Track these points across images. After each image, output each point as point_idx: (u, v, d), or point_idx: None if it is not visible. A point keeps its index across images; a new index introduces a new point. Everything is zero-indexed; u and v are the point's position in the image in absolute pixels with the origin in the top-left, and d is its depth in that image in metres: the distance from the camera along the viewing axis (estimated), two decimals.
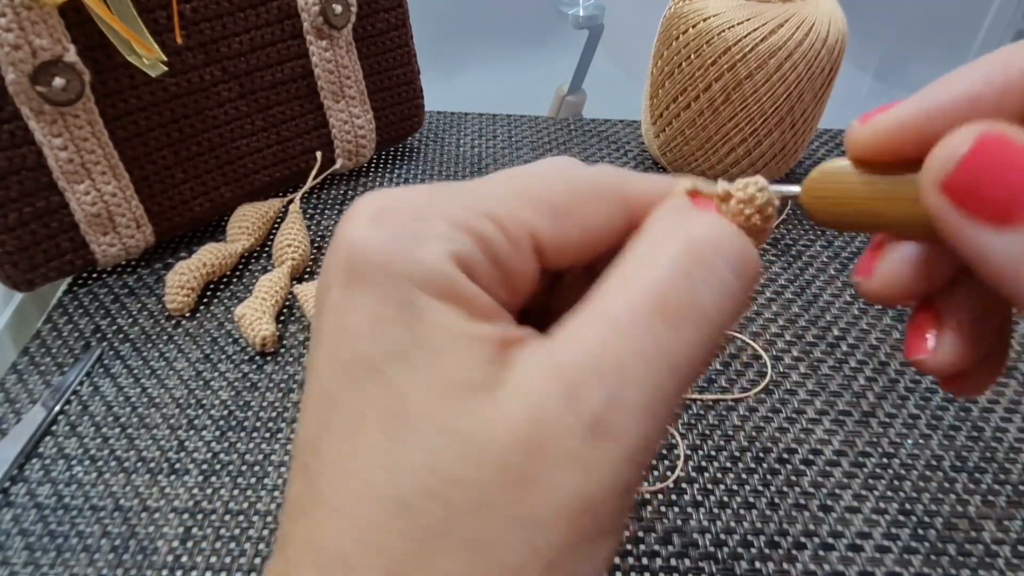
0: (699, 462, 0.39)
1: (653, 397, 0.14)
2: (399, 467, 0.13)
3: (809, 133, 0.56)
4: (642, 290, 0.14)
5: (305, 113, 0.54)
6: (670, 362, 0.14)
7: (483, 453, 0.13)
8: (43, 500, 0.36)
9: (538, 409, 0.13)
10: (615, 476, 0.13)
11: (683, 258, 0.14)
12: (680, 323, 0.14)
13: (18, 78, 0.39)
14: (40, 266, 0.45)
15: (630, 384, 0.13)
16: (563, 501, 0.13)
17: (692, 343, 0.14)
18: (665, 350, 0.14)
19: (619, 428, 0.13)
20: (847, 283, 0.50)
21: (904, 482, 0.38)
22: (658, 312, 0.14)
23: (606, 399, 0.13)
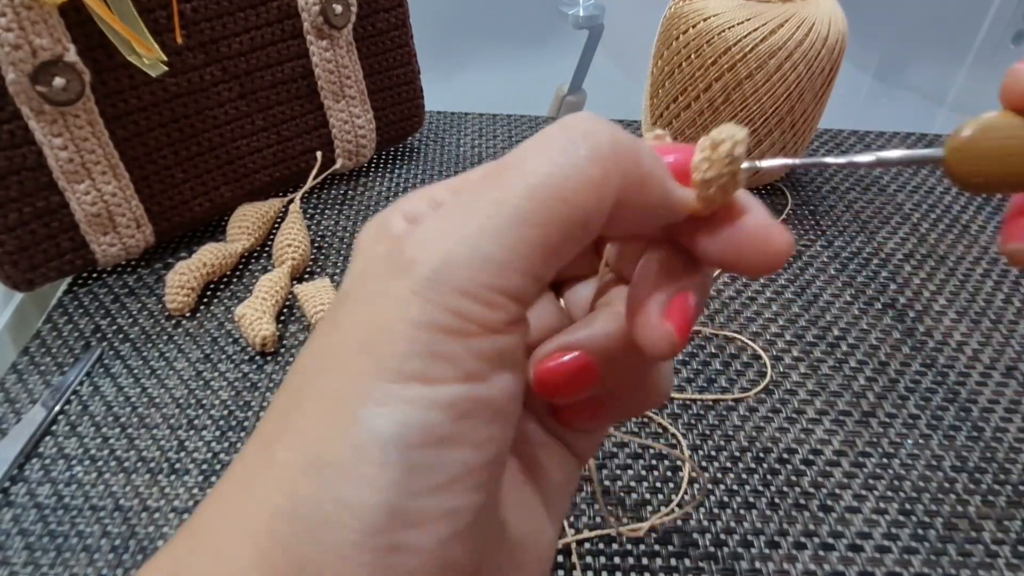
0: (699, 462, 0.39)
1: (451, 230, 0.14)
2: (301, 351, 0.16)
3: (809, 133, 0.56)
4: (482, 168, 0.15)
5: (305, 113, 0.54)
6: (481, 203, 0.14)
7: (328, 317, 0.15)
8: (43, 500, 0.36)
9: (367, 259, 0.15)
10: (404, 306, 0.13)
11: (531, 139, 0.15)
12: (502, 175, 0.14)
13: (18, 78, 0.39)
14: (40, 266, 0.45)
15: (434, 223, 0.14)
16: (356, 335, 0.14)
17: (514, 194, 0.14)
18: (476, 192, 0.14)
19: (410, 256, 0.14)
20: (847, 283, 0.50)
21: (904, 482, 0.38)
22: (486, 169, 0.15)
23: (408, 235, 0.14)
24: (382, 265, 0.14)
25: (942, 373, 0.44)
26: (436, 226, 0.14)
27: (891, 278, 0.51)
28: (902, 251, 0.53)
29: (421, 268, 0.13)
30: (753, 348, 0.45)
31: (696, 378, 0.43)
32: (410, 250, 0.14)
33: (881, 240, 0.54)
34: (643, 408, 0.20)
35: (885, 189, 0.60)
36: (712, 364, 0.44)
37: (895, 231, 0.55)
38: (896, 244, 0.54)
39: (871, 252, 0.53)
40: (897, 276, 0.51)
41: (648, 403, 0.19)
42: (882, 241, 0.54)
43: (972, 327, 0.47)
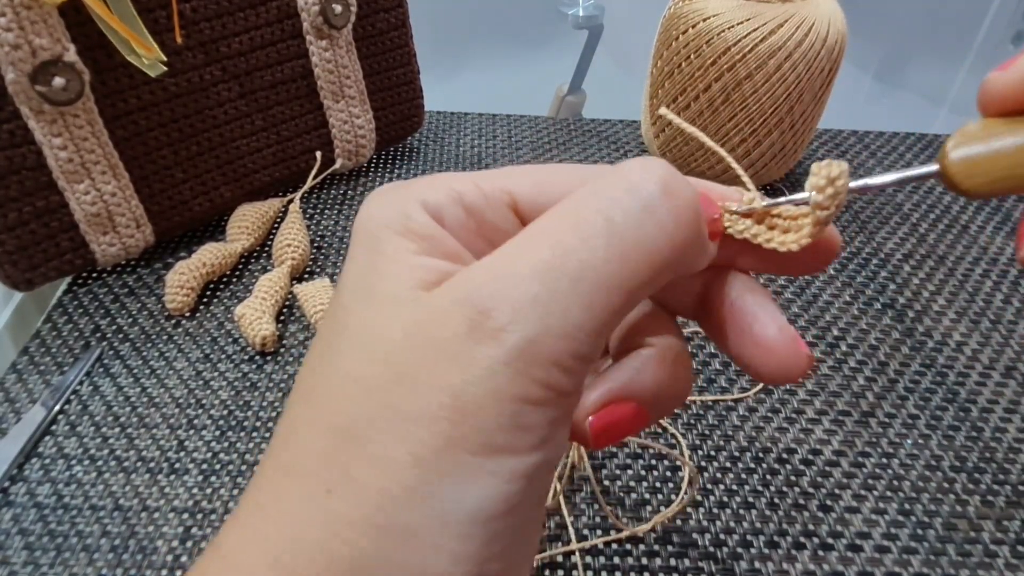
0: (699, 462, 0.39)
1: (543, 297, 0.13)
2: (323, 372, 0.14)
3: (809, 133, 0.56)
4: (559, 210, 0.14)
5: (305, 113, 0.54)
6: (569, 269, 0.13)
7: (375, 351, 0.14)
8: (43, 500, 0.36)
9: (429, 310, 0.14)
10: (493, 379, 0.13)
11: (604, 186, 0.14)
12: (586, 234, 0.14)
13: (18, 77, 0.39)
14: (40, 266, 0.45)
15: (518, 284, 0.13)
16: (437, 398, 0.13)
17: (600, 256, 0.13)
18: (564, 256, 0.13)
19: (501, 326, 0.13)
20: (846, 283, 0.50)
21: (903, 482, 0.38)
22: (566, 226, 0.14)
23: (489, 294, 0.13)
24: (462, 323, 0.13)
25: (941, 373, 0.44)
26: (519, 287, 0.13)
27: (890, 278, 0.51)
28: (901, 251, 0.53)
29: (512, 338, 0.13)
30: None
31: (695, 378, 0.43)
32: (499, 316, 0.13)
33: (880, 240, 0.54)
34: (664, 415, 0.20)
35: (884, 189, 0.60)
36: (712, 364, 0.44)
37: (894, 231, 0.55)
38: (895, 244, 0.54)
39: (870, 252, 0.53)
40: (896, 276, 0.51)
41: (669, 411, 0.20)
42: (881, 241, 0.54)
43: (971, 327, 0.47)
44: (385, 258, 0.15)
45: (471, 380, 0.13)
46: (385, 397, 0.13)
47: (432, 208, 0.15)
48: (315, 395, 0.14)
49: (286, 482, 0.14)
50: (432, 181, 0.16)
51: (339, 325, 0.15)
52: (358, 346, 0.14)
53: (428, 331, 0.13)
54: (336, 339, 0.15)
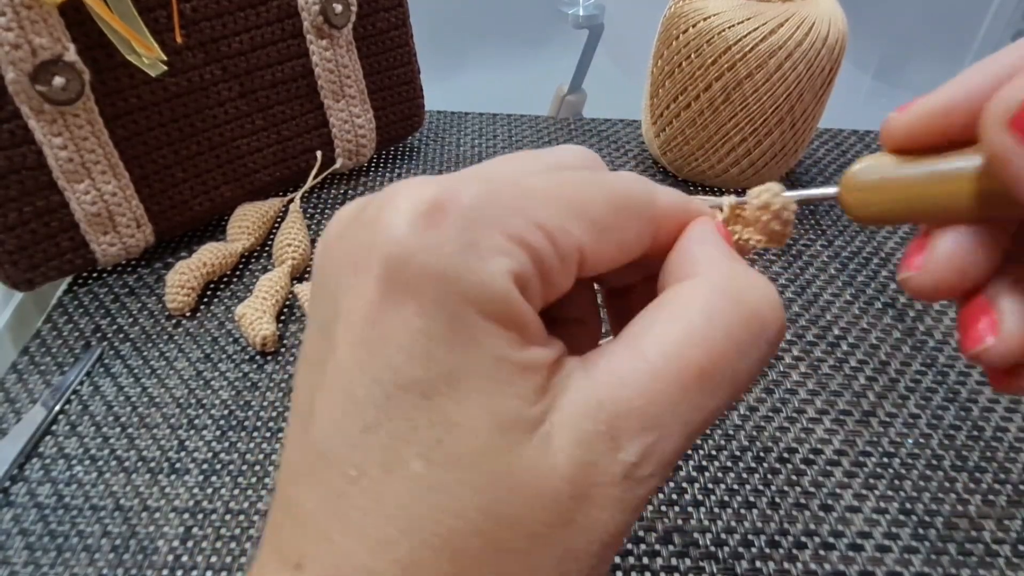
0: (700, 461, 0.39)
1: (679, 449, 0.14)
2: (446, 504, 0.12)
3: (809, 133, 0.56)
4: (690, 347, 0.14)
5: (305, 112, 0.54)
6: (702, 421, 0.15)
7: (534, 495, 0.13)
8: (43, 500, 0.36)
9: (584, 453, 0.14)
10: (637, 513, 0.14)
11: (736, 327, 0.15)
12: (718, 389, 0.15)
13: (18, 77, 0.39)
14: (40, 265, 0.45)
15: (664, 438, 0.14)
16: (600, 538, 0.14)
17: (723, 405, 0.15)
18: (700, 411, 0.14)
19: (650, 475, 0.14)
20: (847, 282, 0.50)
21: (904, 481, 0.38)
22: (703, 375, 0.14)
23: (643, 450, 0.14)
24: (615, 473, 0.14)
25: (942, 372, 0.44)
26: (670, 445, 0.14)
27: (891, 277, 0.51)
28: (902, 250, 0.53)
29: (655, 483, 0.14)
30: None
31: None
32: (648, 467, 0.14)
33: (881, 239, 0.54)
34: None
35: None
36: None
37: (895, 230, 0.55)
38: (896, 243, 0.54)
39: (871, 251, 0.53)
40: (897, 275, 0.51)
41: None
42: (882, 240, 0.54)
43: None
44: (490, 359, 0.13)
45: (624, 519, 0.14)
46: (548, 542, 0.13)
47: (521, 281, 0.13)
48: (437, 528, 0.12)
49: None
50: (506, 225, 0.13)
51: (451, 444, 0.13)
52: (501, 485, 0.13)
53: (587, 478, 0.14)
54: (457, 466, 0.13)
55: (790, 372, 0.44)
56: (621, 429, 0.14)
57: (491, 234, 0.13)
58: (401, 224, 0.13)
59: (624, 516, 0.14)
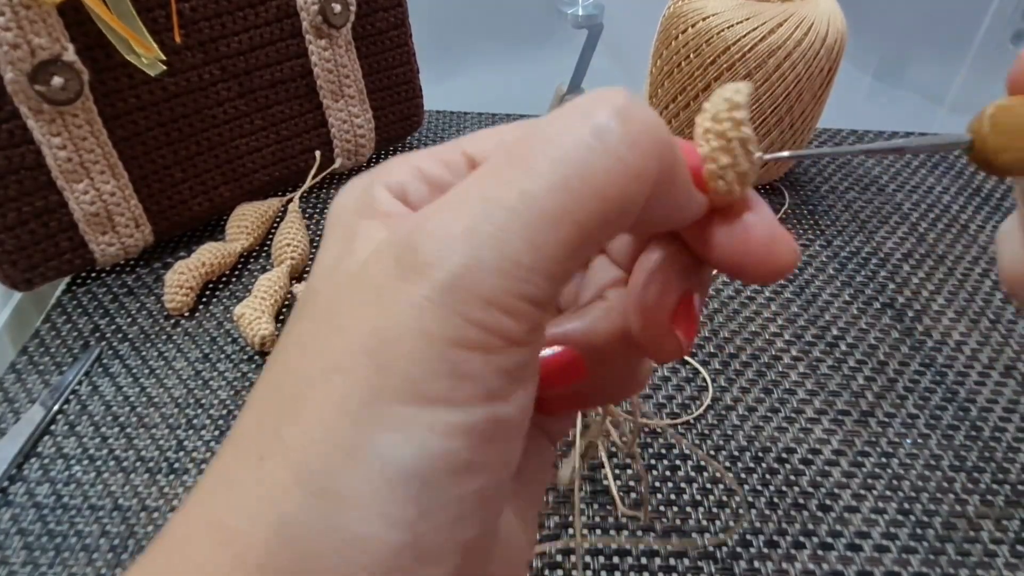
0: (698, 461, 0.39)
1: (477, 229, 0.12)
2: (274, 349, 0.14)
3: (808, 133, 0.56)
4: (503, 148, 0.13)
5: (304, 112, 0.54)
6: (507, 198, 0.12)
7: (314, 310, 0.13)
8: (42, 499, 0.36)
9: (369, 253, 0.13)
10: (419, 315, 0.12)
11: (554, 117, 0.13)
12: (527, 163, 0.12)
13: (17, 77, 0.39)
14: (39, 265, 0.45)
15: (451, 218, 0.12)
16: (360, 343, 0.12)
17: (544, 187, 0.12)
18: (502, 183, 0.12)
19: (426, 260, 0.12)
20: (846, 282, 0.50)
21: (903, 482, 0.38)
22: (507, 156, 0.13)
23: (420, 231, 0.12)
24: (389, 261, 0.12)
25: (941, 372, 0.44)
26: (451, 220, 0.12)
27: (890, 277, 0.51)
28: (901, 250, 0.53)
29: (439, 273, 0.12)
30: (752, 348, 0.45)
31: (695, 377, 0.43)
32: (425, 249, 0.12)
33: (880, 239, 0.54)
34: (626, 395, 0.19)
35: (884, 188, 0.60)
36: (711, 364, 0.44)
37: (894, 230, 0.55)
38: (895, 244, 0.54)
39: (870, 251, 0.53)
40: (896, 275, 0.51)
41: (630, 391, 0.18)
42: (881, 240, 0.54)
43: (971, 326, 0.47)
44: (356, 243, 0.14)
45: (396, 320, 0.12)
46: (316, 350, 0.12)
47: (396, 188, 0.15)
48: (264, 373, 0.14)
49: (228, 455, 0.13)
50: (393, 162, 0.16)
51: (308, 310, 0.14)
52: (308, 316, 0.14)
53: (358, 276, 0.13)
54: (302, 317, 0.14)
55: (789, 372, 0.44)
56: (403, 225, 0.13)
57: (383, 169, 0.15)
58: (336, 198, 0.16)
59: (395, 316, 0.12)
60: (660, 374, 0.43)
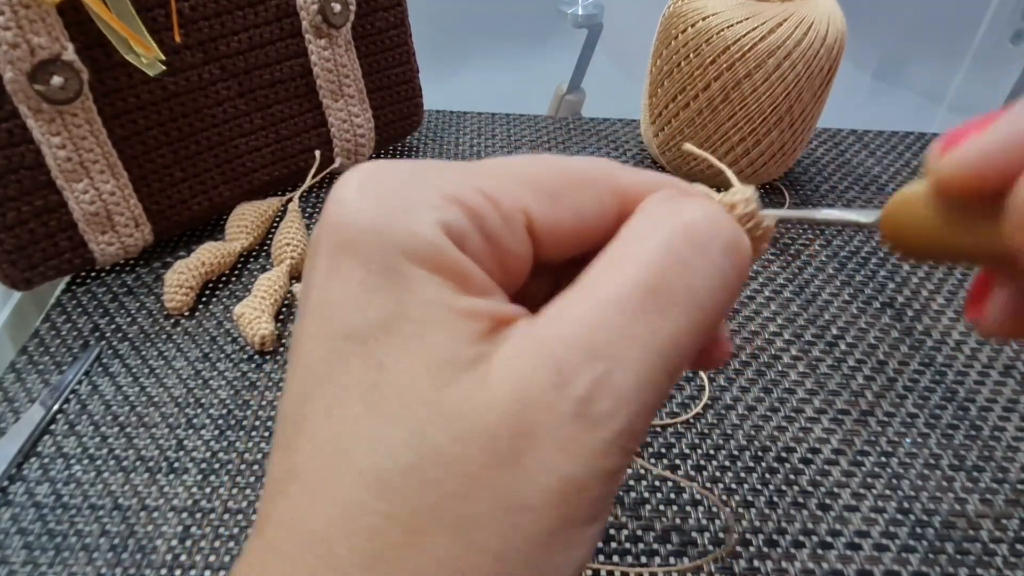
0: (698, 460, 0.39)
1: (641, 381, 0.13)
2: (380, 443, 0.13)
3: (808, 132, 0.56)
4: (633, 270, 0.14)
5: (304, 112, 0.54)
6: (660, 346, 0.13)
7: (468, 431, 0.12)
8: (41, 499, 0.36)
9: (525, 387, 0.13)
10: (602, 461, 0.13)
11: (676, 240, 0.14)
12: (671, 307, 0.14)
13: (16, 76, 0.39)
14: (38, 265, 0.45)
15: (618, 368, 0.13)
16: (550, 484, 0.13)
17: (683, 328, 0.14)
18: (655, 333, 0.13)
19: (607, 413, 0.13)
20: (845, 282, 0.50)
21: (902, 481, 0.38)
22: (649, 294, 0.14)
23: (595, 382, 0.13)
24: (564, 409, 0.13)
25: (940, 372, 0.44)
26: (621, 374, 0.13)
27: (889, 277, 0.51)
28: None
29: (620, 422, 0.13)
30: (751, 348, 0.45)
31: (695, 377, 0.43)
32: (603, 404, 0.13)
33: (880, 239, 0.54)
34: None
35: (884, 188, 0.60)
36: None
37: None
38: None
39: (869, 251, 0.53)
40: (895, 275, 0.51)
41: None
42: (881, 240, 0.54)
43: (970, 326, 0.47)
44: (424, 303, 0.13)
45: (585, 464, 0.13)
46: (490, 485, 0.12)
47: (456, 234, 0.14)
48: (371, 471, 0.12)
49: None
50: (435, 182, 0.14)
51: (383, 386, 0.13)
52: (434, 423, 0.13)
53: (529, 415, 0.13)
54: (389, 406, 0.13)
55: (788, 371, 0.44)
56: (566, 362, 0.13)
57: (424, 192, 0.14)
58: (343, 197, 0.14)
59: (584, 463, 0.13)
60: None
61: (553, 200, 0.15)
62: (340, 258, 0.13)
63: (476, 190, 0.14)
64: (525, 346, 0.13)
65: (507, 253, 0.15)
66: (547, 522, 0.13)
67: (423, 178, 0.14)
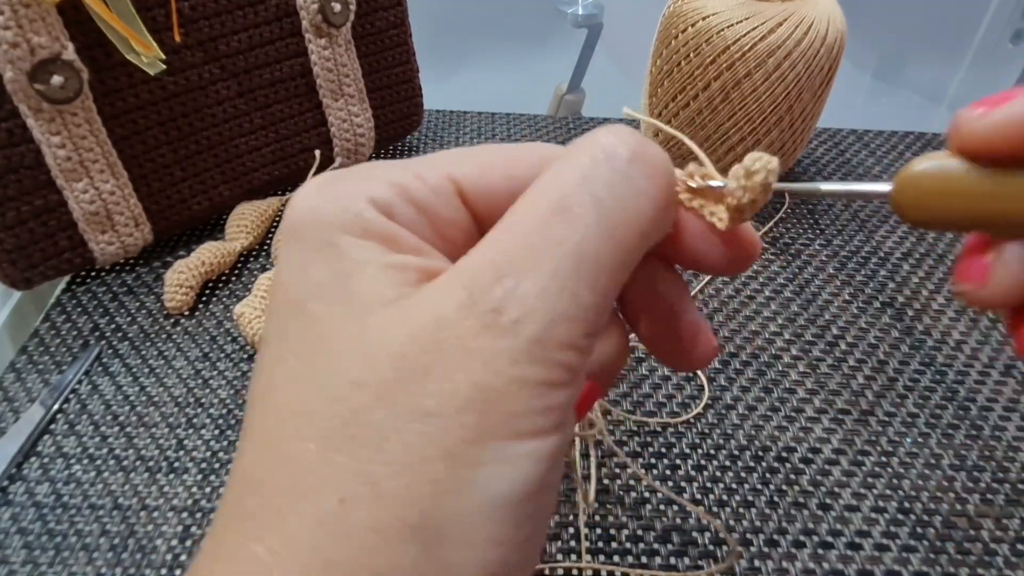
0: (698, 460, 0.39)
1: (551, 289, 0.13)
2: (309, 383, 0.14)
3: (808, 132, 0.56)
4: (541, 194, 0.14)
5: (304, 111, 0.54)
6: (568, 253, 0.14)
7: (379, 352, 0.13)
8: (42, 499, 0.36)
9: (436, 309, 0.13)
10: (517, 369, 0.13)
11: (582, 158, 0.15)
12: (576, 217, 0.14)
13: (16, 76, 0.39)
14: (38, 264, 0.45)
15: (525, 279, 0.13)
16: (458, 391, 0.13)
17: (592, 234, 0.14)
18: (561, 243, 0.14)
19: (514, 320, 0.13)
20: (845, 282, 0.50)
21: (903, 480, 0.38)
22: (554, 209, 0.14)
23: (503, 295, 0.13)
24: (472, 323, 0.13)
25: (941, 372, 0.44)
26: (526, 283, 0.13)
27: (889, 276, 0.51)
28: (900, 249, 0.53)
29: (529, 329, 0.13)
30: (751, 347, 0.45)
31: (695, 377, 0.43)
32: (511, 311, 0.13)
33: (880, 238, 0.54)
34: None
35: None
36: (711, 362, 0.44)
37: (893, 229, 0.55)
38: (895, 243, 0.54)
39: (870, 251, 0.53)
40: (896, 274, 0.51)
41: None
42: (880, 239, 0.54)
43: (971, 325, 0.47)
44: (353, 263, 0.14)
45: (495, 372, 0.13)
46: (399, 398, 0.13)
47: (382, 206, 0.15)
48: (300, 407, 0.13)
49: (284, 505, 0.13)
50: (368, 174, 0.15)
51: (314, 335, 0.14)
52: (353, 352, 0.13)
53: (438, 332, 0.13)
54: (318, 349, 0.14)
55: (788, 371, 0.44)
56: (475, 283, 0.13)
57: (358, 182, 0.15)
58: (296, 200, 0.15)
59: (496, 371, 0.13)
60: (660, 374, 0.43)
61: (482, 167, 0.16)
62: (288, 245, 0.15)
63: (405, 170, 0.15)
64: (442, 279, 0.14)
65: (441, 219, 0.15)
66: (459, 431, 0.13)
67: (361, 172, 0.16)
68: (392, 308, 0.14)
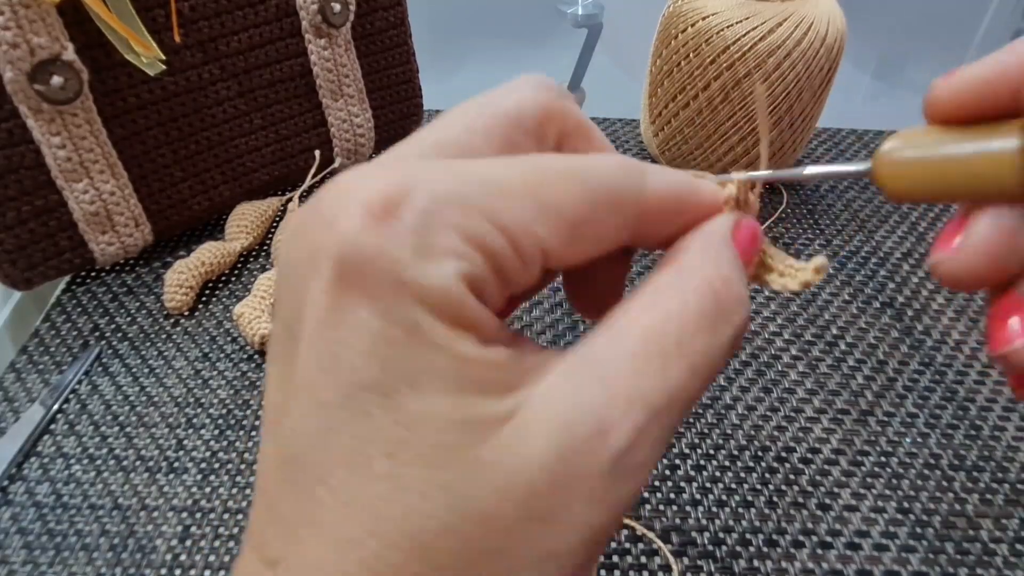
0: (698, 460, 0.39)
1: (668, 435, 0.14)
2: (413, 502, 0.12)
3: (808, 132, 0.56)
4: (668, 324, 0.14)
5: (304, 111, 0.54)
6: (684, 400, 0.14)
7: (508, 486, 0.12)
8: (42, 499, 0.36)
9: (564, 441, 0.12)
10: (625, 509, 0.13)
11: (708, 302, 0.14)
12: (698, 367, 0.14)
13: (16, 76, 0.39)
14: (38, 265, 0.45)
15: (654, 422, 0.13)
16: (581, 535, 0.13)
17: (703, 384, 0.14)
18: (683, 389, 0.14)
19: (640, 464, 0.13)
20: (845, 281, 0.50)
21: (902, 480, 0.38)
22: (683, 354, 0.14)
23: (636, 434, 0.13)
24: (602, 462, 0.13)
25: (940, 372, 0.44)
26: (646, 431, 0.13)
27: (889, 277, 0.51)
28: (900, 250, 0.53)
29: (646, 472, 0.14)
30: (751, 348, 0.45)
31: None
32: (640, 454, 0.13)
33: (879, 239, 0.54)
34: None
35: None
36: None
37: (893, 230, 0.55)
38: (894, 243, 0.54)
39: (869, 251, 0.53)
40: (895, 275, 0.51)
41: None
42: (880, 240, 0.54)
43: (970, 325, 0.47)
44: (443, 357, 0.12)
45: (608, 515, 0.13)
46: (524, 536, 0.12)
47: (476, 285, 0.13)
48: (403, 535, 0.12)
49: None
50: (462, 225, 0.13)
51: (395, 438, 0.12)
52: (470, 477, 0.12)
53: (569, 468, 0.12)
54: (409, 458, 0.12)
55: (788, 371, 0.44)
56: (607, 414, 0.13)
57: (446, 235, 0.13)
58: (353, 222, 0.12)
59: (611, 512, 0.13)
60: None
61: (573, 232, 0.14)
62: (348, 295, 0.12)
63: (499, 230, 0.13)
64: (560, 397, 0.13)
65: (517, 287, 0.14)
66: (569, 568, 0.13)
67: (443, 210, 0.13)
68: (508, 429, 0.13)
